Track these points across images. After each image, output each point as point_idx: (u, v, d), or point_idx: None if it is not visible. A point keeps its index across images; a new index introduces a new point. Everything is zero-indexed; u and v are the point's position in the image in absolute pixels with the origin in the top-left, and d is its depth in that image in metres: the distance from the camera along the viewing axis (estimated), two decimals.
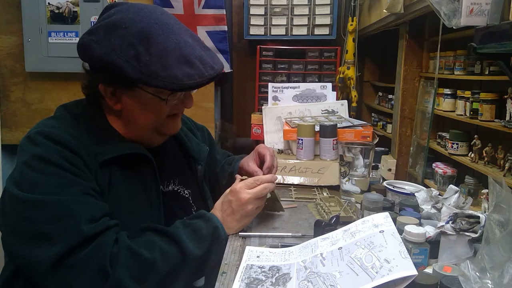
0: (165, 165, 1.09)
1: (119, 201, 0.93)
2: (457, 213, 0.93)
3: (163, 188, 1.06)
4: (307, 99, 2.10)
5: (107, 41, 0.88)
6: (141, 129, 1.00)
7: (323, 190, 1.52)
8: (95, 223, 0.83)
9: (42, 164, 0.85)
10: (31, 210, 0.81)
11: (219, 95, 2.76)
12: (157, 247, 0.86)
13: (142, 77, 0.87)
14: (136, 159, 0.97)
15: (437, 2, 1.28)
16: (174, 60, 0.90)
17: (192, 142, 1.20)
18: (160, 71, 0.87)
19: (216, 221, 0.96)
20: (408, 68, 2.02)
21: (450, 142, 1.65)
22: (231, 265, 0.90)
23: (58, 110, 1.02)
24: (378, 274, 0.70)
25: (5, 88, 2.16)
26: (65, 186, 0.84)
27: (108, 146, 0.94)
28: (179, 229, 0.91)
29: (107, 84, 0.93)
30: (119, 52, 0.87)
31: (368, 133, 1.70)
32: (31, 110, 2.18)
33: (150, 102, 0.95)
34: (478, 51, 1.16)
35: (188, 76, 0.90)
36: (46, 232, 0.80)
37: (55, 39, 2.06)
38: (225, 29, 2.46)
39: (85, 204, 0.84)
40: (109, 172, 0.93)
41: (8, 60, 2.15)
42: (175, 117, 1.03)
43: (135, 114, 0.97)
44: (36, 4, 2.04)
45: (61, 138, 0.88)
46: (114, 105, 0.96)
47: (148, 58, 0.87)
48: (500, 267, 0.70)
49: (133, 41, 0.88)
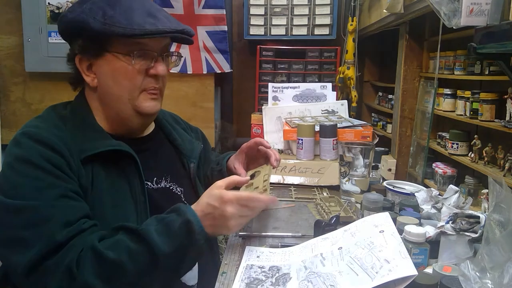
0: (157, 162, 1.10)
1: (102, 198, 0.94)
2: (457, 213, 0.93)
3: (153, 185, 1.06)
4: (307, 99, 2.10)
5: (79, 8, 0.95)
6: (118, 103, 1.01)
7: (323, 190, 1.52)
8: (70, 227, 0.84)
9: (23, 166, 0.87)
10: (11, 215, 0.84)
11: (219, 95, 2.76)
12: (124, 246, 0.84)
13: (105, 28, 0.91)
14: (119, 156, 0.98)
15: (437, 2, 1.28)
16: (138, 13, 0.95)
17: (185, 141, 1.21)
18: (123, 20, 0.92)
19: (190, 214, 0.89)
20: (408, 68, 2.02)
21: (450, 142, 1.65)
22: (231, 265, 0.90)
23: (46, 110, 1.04)
24: (378, 274, 0.70)
25: (5, 88, 2.17)
26: (44, 188, 0.86)
27: (90, 143, 0.96)
28: (149, 226, 0.88)
29: (81, 54, 0.98)
30: (88, 13, 0.93)
31: (368, 133, 1.70)
32: (31, 110, 2.18)
33: (121, 67, 0.97)
34: (478, 51, 1.16)
35: (151, 24, 0.94)
36: (23, 237, 0.82)
37: (55, 39, 2.07)
38: (225, 29, 2.46)
39: (62, 208, 0.86)
40: (91, 170, 0.94)
41: (8, 60, 2.15)
42: (151, 94, 1.02)
43: (110, 85, 0.99)
44: (36, 4, 2.04)
45: (44, 138, 0.90)
46: (91, 82, 0.99)
47: (112, 12, 0.93)
48: (500, 267, 0.70)
49: (101, 5, 0.94)
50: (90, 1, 0.96)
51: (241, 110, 2.90)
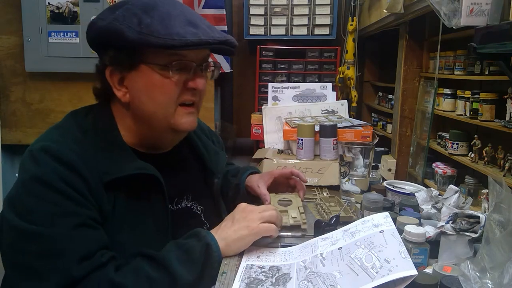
0: (179, 180, 1.02)
1: (122, 223, 0.88)
2: (457, 213, 0.93)
3: (173, 206, 1.00)
4: (307, 99, 2.10)
5: (111, 15, 0.87)
6: (151, 120, 0.92)
7: (323, 190, 1.51)
8: (87, 261, 0.78)
9: (40, 187, 0.79)
10: (24, 241, 0.78)
11: (219, 95, 2.76)
12: (144, 274, 0.80)
13: (141, 37, 0.82)
14: (144, 177, 0.90)
15: (437, 2, 1.28)
16: (177, 22, 0.85)
17: (211, 153, 1.13)
18: (161, 29, 0.83)
19: (210, 238, 0.87)
20: (408, 68, 2.02)
21: (450, 142, 1.65)
22: (231, 265, 0.90)
23: (67, 119, 0.95)
24: (378, 274, 0.70)
25: (5, 88, 2.16)
26: (62, 216, 0.79)
27: (115, 164, 0.88)
28: (170, 252, 0.84)
29: (113, 66, 0.89)
30: (122, 20, 0.84)
31: (368, 133, 1.70)
32: (31, 110, 2.18)
33: (157, 81, 0.88)
34: (478, 51, 1.16)
35: (192, 33, 0.84)
36: (36, 268, 0.77)
37: (55, 39, 2.06)
38: (225, 29, 2.45)
39: (80, 239, 0.79)
40: (113, 193, 0.87)
41: (8, 60, 2.15)
42: (188, 108, 0.94)
43: (143, 101, 0.90)
44: (36, 4, 2.04)
45: (64, 156, 0.82)
46: (123, 96, 0.91)
47: (149, 20, 0.84)
48: (500, 267, 0.70)
49: (137, 12, 0.85)
50: (123, 7, 0.87)
51: (241, 110, 2.90)
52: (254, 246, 0.94)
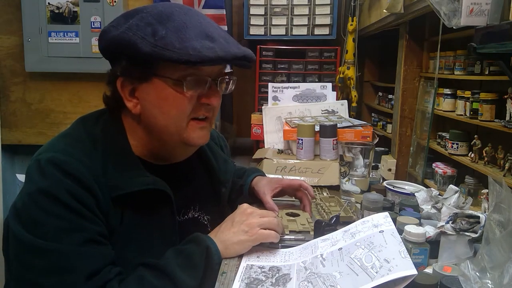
0: (187, 192, 1.01)
1: (130, 238, 0.87)
2: (457, 213, 0.93)
3: (180, 217, 0.98)
4: (307, 99, 2.10)
5: (125, 23, 0.84)
6: (163, 134, 0.91)
7: (323, 190, 1.51)
8: (94, 277, 0.77)
9: (48, 201, 0.77)
10: (31, 255, 0.76)
11: None
12: (147, 284, 0.80)
13: (155, 50, 0.79)
14: (154, 193, 0.89)
15: (437, 2, 1.28)
16: (193, 34, 0.81)
17: (220, 162, 1.11)
18: (176, 42, 0.79)
19: (209, 241, 0.87)
20: (408, 68, 2.02)
21: (450, 142, 1.65)
22: (231, 265, 0.90)
23: (74, 125, 0.92)
24: (378, 274, 0.70)
25: (5, 88, 2.16)
26: (69, 231, 0.77)
27: (124, 178, 0.86)
28: (171, 260, 0.83)
29: (124, 77, 0.87)
30: (135, 30, 0.81)
31: (368, 133, 1.70)
32: (31, 110, 2.18)
33: (169, 95, 0.85)
34: (478, 51, 1.16)
35: (209, 48, 0.80)
36: (42, 284, 0.75)
37: (55, 39, 2.06)
38: (225, 29, 2.45)
39: (88, 255, 0.78)
40: (121, 208, 0.86)
41: (8, 60, 2.15)
42: (201, 122, 0.92)
43: (155, 114, 0.88)
44: (36, 4, 2.04)
45: (72, 169, 0.80)
46: (133, 108, 0.89)
47: (164, 32, 0.80)
48: (500, 267, 0.70)
49: (151, 21, 0.82)
50: (137, 16, 0.84)
51: (241, 110, 2.89)
52: (255, 247, 0.95)
